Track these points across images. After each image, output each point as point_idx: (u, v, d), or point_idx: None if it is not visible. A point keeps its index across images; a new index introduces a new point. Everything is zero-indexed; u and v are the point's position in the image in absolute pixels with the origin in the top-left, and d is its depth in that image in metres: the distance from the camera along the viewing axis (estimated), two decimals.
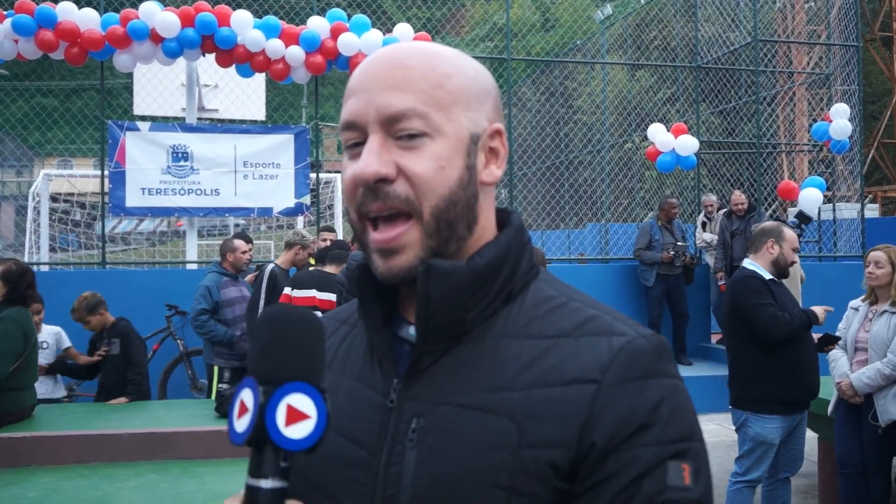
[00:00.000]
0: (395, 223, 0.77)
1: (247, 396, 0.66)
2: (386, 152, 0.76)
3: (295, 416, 0.65)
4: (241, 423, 0.66)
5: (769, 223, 3.73)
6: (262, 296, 5.11)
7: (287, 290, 4.96)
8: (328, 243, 5.36)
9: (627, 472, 0.70)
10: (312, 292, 4.86)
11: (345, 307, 0.94)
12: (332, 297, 4.82)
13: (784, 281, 4.53)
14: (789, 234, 3.58)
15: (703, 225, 8.10)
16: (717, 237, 7.78)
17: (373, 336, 0.82)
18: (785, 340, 3.40)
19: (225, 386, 5.16)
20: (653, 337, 0.76)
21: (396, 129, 0.76)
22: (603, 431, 0.71)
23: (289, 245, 5.41)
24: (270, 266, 5.26)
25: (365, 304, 0.82)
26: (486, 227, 0.82)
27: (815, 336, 3.68)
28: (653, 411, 0.72)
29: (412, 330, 0.81)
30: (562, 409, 0.72)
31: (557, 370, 0.74)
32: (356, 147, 0.78)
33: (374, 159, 0.75)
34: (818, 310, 3.59)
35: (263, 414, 0.64)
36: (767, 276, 3.51)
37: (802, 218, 7.57)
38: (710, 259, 7.88)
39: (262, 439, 0.65)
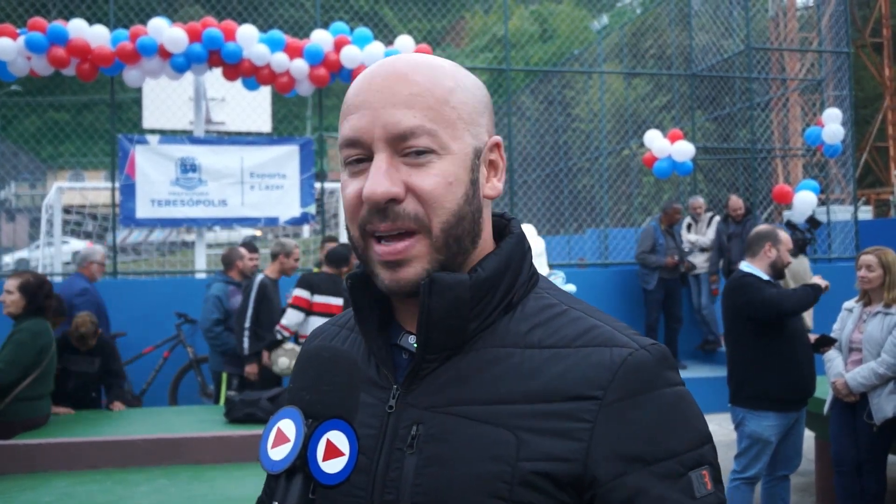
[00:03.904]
0: (401, 238, 0.76)
1: (287, 426, 0.67)
2: (394, 171, 0.74)
3: (332, 451, 0.66)
4: (279, 452, 0.66)
5: (764, 227, 3.79)
6: (251, 305, 5.18)
7: (303, 294, 4.99)
8: None
9: (649, 493, 0.70)
10: (329, 299, 4.93)
11: (346, 312, 0.94)
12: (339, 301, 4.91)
13: (795, 281, 4.65)
14: (784, 236, 3.66)
15: (689, 227, 8.04)
16: (701, 238, 7.85)
17: (370, 343, 0.82)
18: (799, 311, 3.52)
19: (233, 393, 5.28)
20: (653, 347, 0.75)
21: (404, 146, 0.74)
22: (610, 453, 0.70)
23: (273, 255, 5.47)
24: (260, 277, 5.33)
25: (360, 313, 0.82)
26: (487, 239, 0.81)
27: (812, 337, 3.74)
28: (660, 426, 0.72)
29: (411, 339, 0.80)
30: (563, 424, 0.71)
31: (559, 383, 0.73)
32: (359, 163, 0.76)
33: (383, 179, 0.73)
34: (817, 280, 3.69)
35: (307, 446, 0.65)
36: (765, 277, 3.58)
37: (813, 222, 7.65)
38: (694, 260, 7.88)
39: (296, 469, 0.65)
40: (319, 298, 4.94)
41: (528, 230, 3.61)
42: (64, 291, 5.42)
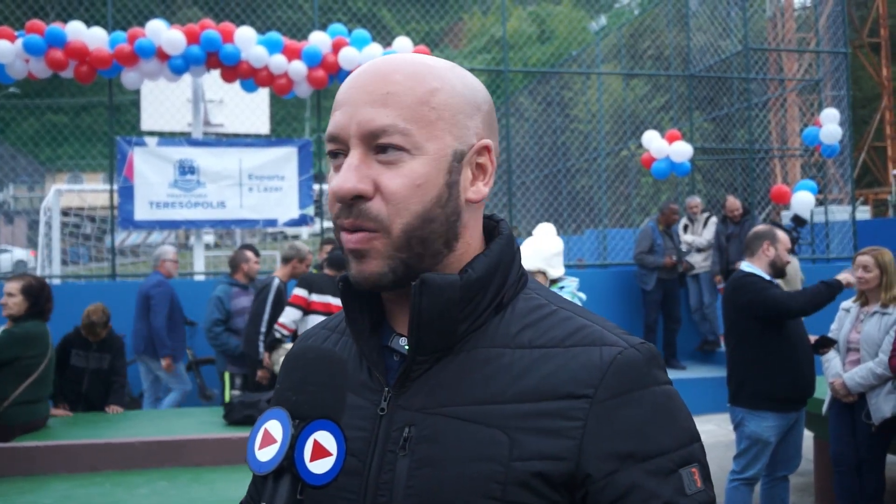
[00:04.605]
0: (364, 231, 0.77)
1: (274, 427, 0.67)
2: (365, 167, 0.75)
3: (320, 451, 0.67)
4: (267, 453, 0.66)
5: (762, 226, 3.79)
6: (268, 309, 5.17)
7: (301, 293, 4.92)
8: None
9: (642, 489, 0.71)
10: (328, 298, 4.89)
11: (335, 315, 0.94)
12: None
13: (785, 281, 4.64)
14: (782, 235, 3.66)
15: (685, 227, 8.02)
16: (697, 238, 7.85)
17: (361, 345, 0.82)
18: (806, 311, 3.50)
19: (237, 392, 5.27)
20: (642, 346, 0.76)
21: (376, 144, 0.75)
22: (602, 451, 0.71)
23: (286, 259, 5.45)
24: (276, 281, 5.32)
25: (351, 314, 0.82)
26: (472, 243, 0.81)
27: (812, 338, 3.74)
28: (650, 424, 0.72)
29: (402, 341, 0.80)
30: (555, 423, 0.71)
31: (550, 382, 0.73)
32: (336, 157, 0.78)
33: (351, 175, 0.75)
34: (841, 275, 3.63)
35: (294, 447, 0.66)
36: (766, 277, 3.58)
37: (798, 221, 7.71)
38: (691, 260, 7.87)
39: (283, 470, 0.66)
40: (317, 297, 4.90)
41: (548, 229, 3.61)
42: (143, 286, 6.02)
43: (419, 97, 0.75)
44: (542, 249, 3.39)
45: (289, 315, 4.91)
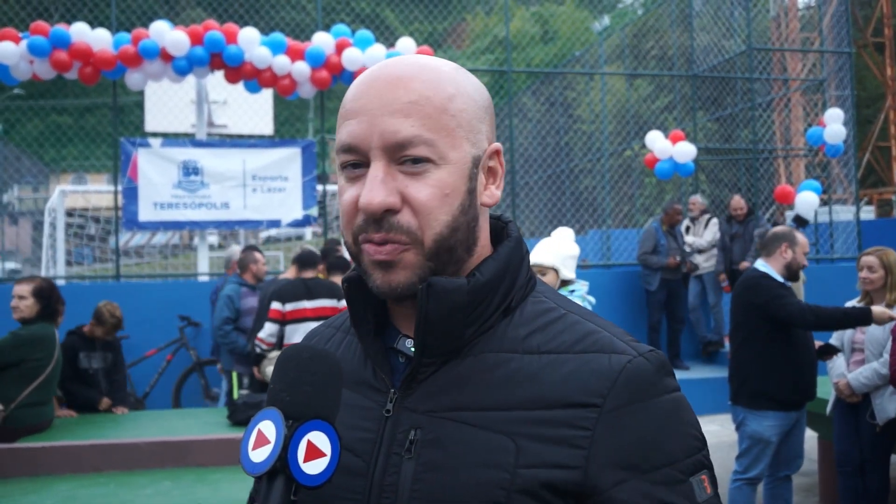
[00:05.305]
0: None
1: (267, 428, 0.67)
2: (391, 180, 0.73)
3: (313, 452, 0.66)
4: (260, 454, 0.66)
5: (781, 227, 3.76)
6: None
7: (276, 306, 4.77)
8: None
9: (654, 498, 0.70)
10: (301, 303, 4.79)
11: (341, 314, 0.93)
12: (325, 302, 4.79)
13: None
14: (802, 238, 3.64)
15: (687, 229, 7.99)
16: (698, 240, 7.84)
17: (366, 346, 0.81)
18: (816, 328, 3.46)
19: (245, 392, 5.28)
20: (651, 354, 0.75)
21: (401, 155, 0.73)
22: (610, 461, 0.70)
23: (296, 261, 5.50)
24: None
25: (356, 316, 0.81)
26: (484, 245, 0.80)
27: (817, 343, 3.74)
28: (660, 433, 0.72)
29: (408, 343, 0.80)
30: (563, 432, 0.71)
31: (558, 389, 0.72)
32: (355, 168, 0.76)
33: (380, 189, 0.73)
34: (878, 310, 3.50)
35: (287, 447, 0.66)
36: (779, 278, 3.58)
37: (799, 221, 7.71)
38: (693, 261, 7.85)
39: (277, 471, 0.66)
40: (290, 306, 4.78)
41: (567, 233, 3.63)
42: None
43: (439, 105, 0.74)
44: (559, 249, 3.41)
45: (267, 329, 4.81)
